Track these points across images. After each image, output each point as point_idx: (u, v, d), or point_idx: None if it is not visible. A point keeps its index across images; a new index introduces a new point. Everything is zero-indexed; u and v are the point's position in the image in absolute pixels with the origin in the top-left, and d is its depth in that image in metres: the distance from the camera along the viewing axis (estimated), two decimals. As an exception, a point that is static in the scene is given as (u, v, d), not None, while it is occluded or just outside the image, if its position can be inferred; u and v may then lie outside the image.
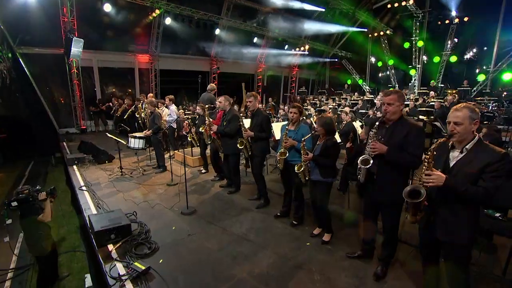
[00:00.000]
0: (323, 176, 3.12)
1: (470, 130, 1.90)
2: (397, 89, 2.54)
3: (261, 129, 4.17)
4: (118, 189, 5.04)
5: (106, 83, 12.21)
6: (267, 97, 17.23)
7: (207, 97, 7.05)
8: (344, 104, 11.59)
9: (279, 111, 8.69)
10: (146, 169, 6.26)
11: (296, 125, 3.50)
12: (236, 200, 4.63)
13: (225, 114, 4.71)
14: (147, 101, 5.87)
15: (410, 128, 2.39)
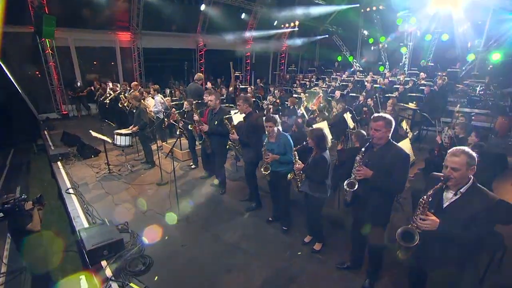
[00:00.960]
0: (311, 190, 3.16)
1: (467, 176, 1.93)
2: (385, 115, 2.49)
3: (253, 132, 4.09)
4: (107, 191, 4.98)
5: (86, 64, 11.57)
6: (256, 77, 16.87)
7: (194, 87, 6.83)
8: (334, 86, 11.49)
9: (268, 98, 8.53)
10: (134, 164, 6.18)
11: (276, 136, 3.44)
12: (228, 202, 4.67)
13: (214, 112, 4.58)
14: (131, 97, 5.64)
15: (396, 155, 2.43)
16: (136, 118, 5.68)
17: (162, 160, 5.54)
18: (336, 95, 9.16)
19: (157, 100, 6.86)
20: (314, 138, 3.05)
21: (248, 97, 3.99)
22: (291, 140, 3.46)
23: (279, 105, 8.59)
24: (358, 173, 2.49)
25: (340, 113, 6.60)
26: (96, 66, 12.17)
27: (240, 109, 3.97)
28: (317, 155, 3.10)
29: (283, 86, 15.87)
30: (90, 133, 5.67)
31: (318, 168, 3.05)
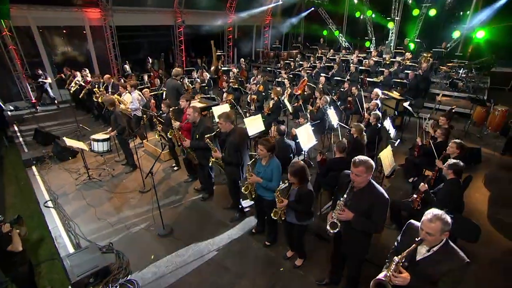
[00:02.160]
0: (299, 220, 3.26)
1: (441, 239, 2.06)
2: (366, 159, 2.52)
3: (235, 150, 4.07)
4: (89, 202, 4.94)
5: (52, 46, 10.76)
6: (239, 54, 16.31)
7: (171, 85, 6.56)
8: (319, 67, 11.30)
9: (251, 86, 8.28)
10: (115, 167, 6.09)
11: (268, 160, 3.46)
12: (212, 211, 4.77)
13: (196, 125, 4.49)
14: (104, 100, 5.37)
15: (376, 198, 2.52)
16: (112, 122, 5.50)
17: (144, 161, 5.46)
18: (321, 81, 9.06)
19: (135, 97, 6.60)
20: (295, 175, 3.02)
21: (230, 114, 3.90)
22: (281, 168, 3.44)
23: (264, 97, 8.43)
24: (341, 216, 2.59)
25: (322, 109, 6.59)
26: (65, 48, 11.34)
27: (222, 127, 3.90)
28: (301, 189, 3.10)
29: (267, 64, 15.53)
30: (62, 122, 5.45)
31: (304, 202, 3.10)
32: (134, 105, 6.62)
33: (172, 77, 6.49)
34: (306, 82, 9.83)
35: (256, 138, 5.92)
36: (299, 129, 4.97)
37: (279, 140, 4.76)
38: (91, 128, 7.90)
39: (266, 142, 3.34)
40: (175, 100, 6.47)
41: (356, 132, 4.86)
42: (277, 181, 3.39)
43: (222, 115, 3.84)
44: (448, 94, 10.37)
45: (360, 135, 4.87)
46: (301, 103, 7.92)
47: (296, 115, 8.27)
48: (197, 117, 4.41)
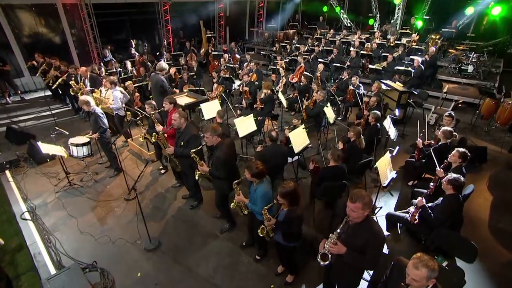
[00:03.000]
0: (286, 241, 3.34)
1: (427, 285, 2.13)
2: (363, 195, 2.53)
3: (223, 165, 4.05)
4: (70, 212, 4.99)
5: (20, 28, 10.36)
6: (231, 34, 15.95)
7: (155, 79, 6.44)
8: (317, 51, 11.13)
9: (243, 77, 8.14)
10: (98, 170, 6.11)
11: (256, 184, 3.44)
12: (200, 221, 4.85)
13: (181, 132, 4.48)
14: (81, 102, 5.26)
15: (372, 235, 2.53)
16: (93, 124, 5.46)
17: (129, 162, 5.44)
18: (319, 68, 8.97)
19: (116, 96, 6.45)
20: (285, 197, 3.02)
21: (216, 127, 3.87)
22: (267, 196, 3.41)
23: (257, 86, 8.34)
24: (332, 250, 2.63)
25: (319, 105, 6.57)
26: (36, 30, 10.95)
27: (209, 141, 3.89)
28: (290, 212, 3.12)
29: (262, 45, 15.24)
30: (35, 116, 5.36)
31: (292, 225, 3.15)
32: (115, 104, 6.51)
33: (155, 72, 6.38)
34: (303, 69, 9.75)
35: (248, 137, 5.94)
36: (293, 133, 4.97)
37: (271, 147, 4.78)
38: (72, 125, 7.88)
39: (253, 168, 3.30)
40: (159, 96, 6.42)
41: (353, 135, 4.89)
42: (260, 208, 3.39)
43: (208, 129, 3.81)
44: (456, 81, 10.34)
45: (358, 139, 4.91)
46: (296, 94, 7.89)
47: (292, 107, 8.27)
48: (183, 123, 4.39)
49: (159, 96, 6.38)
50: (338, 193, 4.51)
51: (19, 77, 10.69)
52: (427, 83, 10.00)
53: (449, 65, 11.08)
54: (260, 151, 4.91)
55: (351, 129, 4.93)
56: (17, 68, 10.59)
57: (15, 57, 10.40)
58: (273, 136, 4.70)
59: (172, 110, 5.04)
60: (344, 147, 5.04)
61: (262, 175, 3.39)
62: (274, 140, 4.75)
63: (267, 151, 4.80)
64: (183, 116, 4.34)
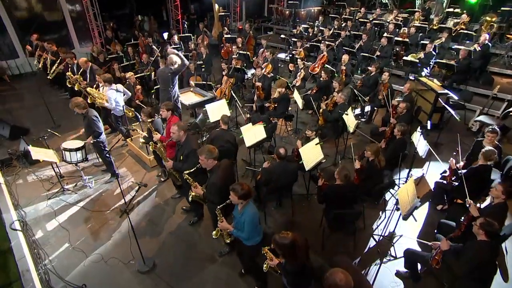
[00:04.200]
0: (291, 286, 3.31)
1: None
2: None
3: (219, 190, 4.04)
4: (62, 223, 5.18)
5: (13, 3, 10.46)
6: (247, 14, 15.59)
7: (164, 75, 6.34)
8: (343, 36, 10.70)
9: (256, 70, 7.98)
10: (94, 173, 6.28)
11: (242, 207, 3.42)
12: (199, 240, 4.93)
13: (181, 144, 4.51)
14: (73, 104, 5.29)
15: None
16: (86, 128, 5.55)
17: (128, 165, 5.46)
18: (344, 60, 8.67)
19: (111, 96, 6.40)
20: (278, 248, 2.93)
21: (213, 150, 3.81)
22: (256, 219, 3.41)
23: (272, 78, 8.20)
24: None
25: (338, 110, 6.37)
26: (30, 7, 11.00)
27: (204, 164, 3.88)
28: (288, 265, 3.05)
29: (282, 25, 14.86)
30: (27, 110, 5.48)
31: (296, 280, 3.11)
32: (110, 105, 6.49)
33: (166, 65, 6.32)
34: (325, 59, 9.51)
35: (257, 146, 5.89)
36: (304, 149, 4.89)
37: (279, 164, 4.74)
38: (69, 118, 8.01)
39: (238, 188, 3.26)
40: (167, 91, 6.40)
41: (371, 154, 4.76)
42: (248, 234, 3.42)
43: (204, 151, 3.79)
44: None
45: (376, 158, 4.77)
46: (315, 91, 7.72)
47: (309, 105, 8.09)
48: (182, 135, 4.41)
49: (167, 93, 6.37)
50: (351, 222, 4.45)
51: (14, 58, 10.95)
52: (475, 77, 9.41)
53: (505, 54, 10.09)
54: (267, 168, 4.86)
55: (368, 147, 4.79)
56: (10, 48, 10.82)
57: (8, 36, 10.61)
58: (281, 154, 4.65)
59: (170, 117, 5.07)
60: (361, 166, 4.93)
61: (249, 195, 3.37)
62: (282, 158, 4.69)
63: (274, 169, 4.77)
64: (183, 129, 4.35)
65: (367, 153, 4.84)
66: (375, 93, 7.82)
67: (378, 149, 4.75)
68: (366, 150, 4.86)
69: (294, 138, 7.27)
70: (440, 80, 9.18)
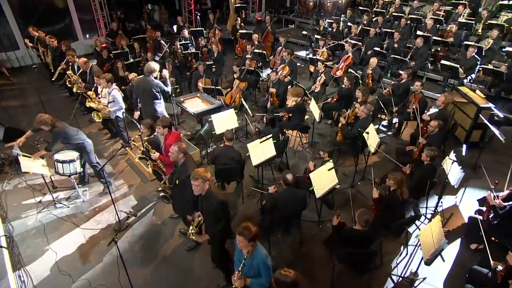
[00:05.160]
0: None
1: None
2: None
3: (216, 219, 4.00)
4: (50, 240, 5.26)
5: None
6: (267, 3, 15.42)
7: (143, 86, 6.31)
8: (372, 34, 10.37)
9: (270, 74, 7.88)
10: (89, 186, 6.42)
11: (250, 252, 3.33)
12: (196, 270, 4.92)
13: (177, 167, 4.53)
14: (39, 122, 5.23)
15: None
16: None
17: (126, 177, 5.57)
18: (371, 63, 8.43)
19: (116, 96, 6.56)
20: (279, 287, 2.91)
21: (204, 174, 3.78)
22: (269, 260, 3.37)
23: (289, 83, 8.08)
24: None
25: (359, 125, 6.19)
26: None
27: (199, 190, 3.83)
28: None
29: (304, 17, 14.66)
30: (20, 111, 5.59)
31: None
32: (116, 105, 6.62)
33: (145, 75, 6.32)
34: (350, 62, 9.32)
35: (265, 164, 5.83)
36: (315, 174, 4.79)
37: (286, 191, 4.67)
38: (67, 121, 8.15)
39: (247, 232, 3.19)
40: (151, 105, 6.42)
41: (393, 184, 4.60)
42: (269, 277, 3.36)
43: (198, 175, 3.75)
44: None
45: (400, 188, 4.61)
46: (335, 100, 7.57)
47: (329, 114, 7.96)
48: (181, 158, 4.43)
49: (151, 106, 6.38)
50: (365, 262, 4.33)
51: (14, 50, 11.26)
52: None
53: None
54: (273, 194, 4.79)
55: (392, 176, 4.63)
56: (10, 39, 11.12)
57: (8, 26, 10.90)
58: (288, 181, 4.56)
59: (168, 134, 5.10)
60: (380, 196, 4.79)
61: (258, 236, 3.32)
62: (290, 185, 4.61)
63: (281, 196, 4.70)
64: (183, 151, 4.37)
65: (389, 181, 4.69)
66: (405, 103, 7.57)
67: (403, 179, 4.58)
68: (389, 178, 4.70)
69: (309, 153, 7.16)
70: (485, 89, 8.83)
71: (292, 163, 6.90)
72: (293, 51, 10.30)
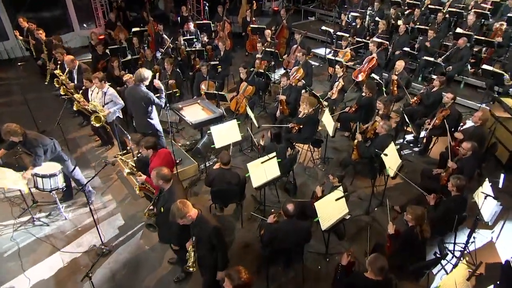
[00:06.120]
0: None
1: None
2: None
3: (210, 247, 3.98)
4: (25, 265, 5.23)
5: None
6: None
7: (133, 95, 6.23)
8: (402, 31, 10.00)
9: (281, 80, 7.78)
10: (72, 201, 6.39)
11: None
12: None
13: (163, 194, 4.47)
14: (7, 133, 5.15)
15: None
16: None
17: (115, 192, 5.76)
18: (397, 67, 8.12)
19: (113, 94, 6.64)
20: None
21: (184, 212, 3.70)
22: None
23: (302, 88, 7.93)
24: None
25: (377, 143, 5.97)
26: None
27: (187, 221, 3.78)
28: None
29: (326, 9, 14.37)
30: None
31: None
32: (115, 104, 6.67)
33: (134, 83, 6.25)
34: (375, 64, 9.07)
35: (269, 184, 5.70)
36: (321, 203, 4.64)
37: (287, 223, 4.54)
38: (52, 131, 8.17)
39: (236, 277, 3.16)
40: (142, 118, 6.35)
41: (412, 219, 4.37)
42: None
43: (178, 215, 3.70)
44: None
45: (420, 225, 4.38)
46: (354, 110, 7.37)
47: (346, 125, 7.76)
48: (163, 185, 4.36)
49: (142, 118, 6.30)
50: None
51: (2, 41, 11.38)
52: None
53: None
54: (272, 225, 4.64)
55: (410, 210, 4.40)
56: (0, 29, 11.27)
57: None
58: (289, 212, 4.41)
59: (153, 156, 5.08)
60: (397, 232, 4.58)
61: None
62: (291, 216, 4.46)
63: (280, 228, 4.56)
64: (163, 179, 4.26)
65: (407, 215, 4.47)
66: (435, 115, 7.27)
67: (423, 216, 4.34)
68: (407, 211, 4.48)
69: (322, 170, 6.99)
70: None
71: (301, 182, 6.75)
72: (310, 49, 10.12)
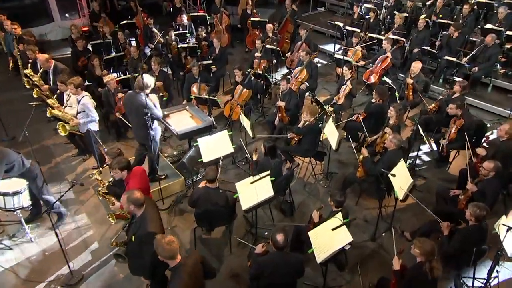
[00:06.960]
0: None
1: None
2: None
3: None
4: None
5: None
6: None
7: (131, 101, 6.04)
8: (422, 26, 9.73)
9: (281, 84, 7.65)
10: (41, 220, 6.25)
11: None
12: None
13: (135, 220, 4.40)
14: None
15: None
16: None
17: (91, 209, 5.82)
18: (413, 69, 7.91)
19: (87, 105, 6.43)
20: None
21: (172, 243, 3.59)
22: None
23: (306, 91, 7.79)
24: None
25: (386, 160, 5.78)
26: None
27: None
28: None
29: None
30: None
31: None
32: (88, 116, 6.50)
33: (134, 90, 6.06)
34: (389, 64, 8.91)
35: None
36: (316, 232, 4.48)
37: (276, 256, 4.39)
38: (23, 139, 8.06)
39: None
40: (141, 129, 6.15)
41: (420, 254, 4.15)
42: None
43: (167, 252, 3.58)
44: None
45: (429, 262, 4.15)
46: (362, 118, 7.17)
47: (353, 135, 7.60)
48: (134, 210, 4.27)
49: (140, 129, 6.10)
50: None
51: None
52: None
53: None
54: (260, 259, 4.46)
55: (418, 243, 4.17)
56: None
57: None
58: (278, 243, 4.22)
59: (128, 177, 4.98)
60: (402, 267, 4.37)
61: None
62: (280, 248, 4.28)
63: (269, 261, 4.39)
64: (134, 203, 4.17)
65: (414, 250, 4.25)
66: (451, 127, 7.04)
67: (433, 251, 4.10)
68: (414, 245, 4.26)
69: (324, 187, 6.83)
70: None
71: (299, 201, 6.61)
72: (317, 46, 9.95)
